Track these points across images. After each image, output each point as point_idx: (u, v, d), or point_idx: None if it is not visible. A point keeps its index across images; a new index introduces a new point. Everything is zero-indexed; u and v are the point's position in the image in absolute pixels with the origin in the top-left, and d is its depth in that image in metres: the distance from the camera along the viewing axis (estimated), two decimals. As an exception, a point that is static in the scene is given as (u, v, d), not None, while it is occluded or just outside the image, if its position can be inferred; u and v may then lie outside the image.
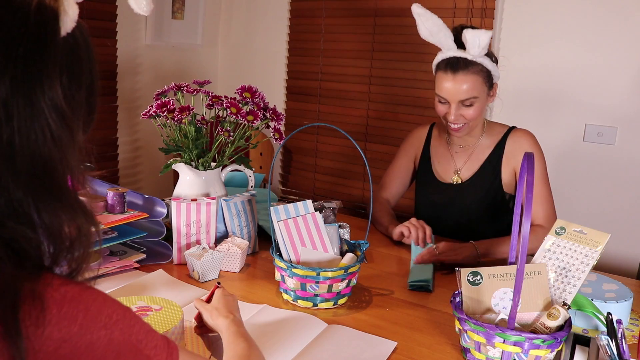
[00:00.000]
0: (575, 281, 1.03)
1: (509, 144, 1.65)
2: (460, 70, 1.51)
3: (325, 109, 2.97)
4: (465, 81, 1.51)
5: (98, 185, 1.52)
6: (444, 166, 1.74)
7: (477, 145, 1.69)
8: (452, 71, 1.52)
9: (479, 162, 1.68)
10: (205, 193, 1.51)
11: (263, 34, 3.15)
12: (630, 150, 2.24)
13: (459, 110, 1.55)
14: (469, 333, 0.98)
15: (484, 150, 1.68)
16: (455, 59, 1.52)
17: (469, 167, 1.69)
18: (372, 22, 2.74)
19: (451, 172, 1.72)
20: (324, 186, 3.05)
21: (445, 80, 1.53)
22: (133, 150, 2.87)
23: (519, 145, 1.63)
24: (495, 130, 1.69)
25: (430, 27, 1.50)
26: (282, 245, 1.24)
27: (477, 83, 1.53)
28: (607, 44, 2.23)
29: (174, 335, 0.99)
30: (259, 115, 1.48)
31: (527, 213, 0.89)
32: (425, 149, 1.79)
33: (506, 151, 1.65)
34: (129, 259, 1.35)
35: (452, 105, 1.55)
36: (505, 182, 1.65)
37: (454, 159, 1.72)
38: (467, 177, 1.69)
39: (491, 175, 1.66)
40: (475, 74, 1.52)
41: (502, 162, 1.65)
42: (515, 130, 1.67)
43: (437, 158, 1.76)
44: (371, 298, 1.27)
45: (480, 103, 1.56)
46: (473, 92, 1.52)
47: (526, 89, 2.43)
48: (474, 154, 1.69)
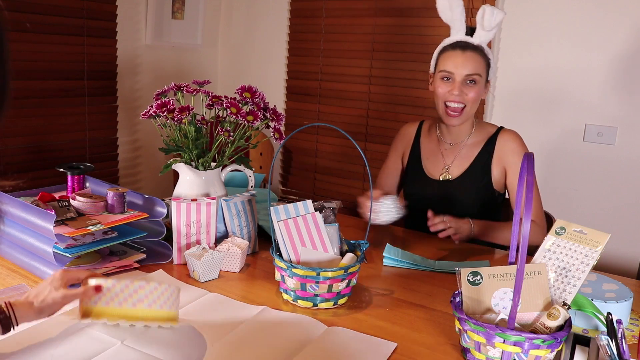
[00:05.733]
0: (575, 281, 1.03)
1: (500, 143, 1.69)
2: (469, 50, 1.61)
3: (325, 109, 2.97)
4: (474, 58, 1.61)
5: (98, 185, 1.52)
6: (433, 163, 1.77)
7: (466, 143, 1.73)
8: (461, 49, 1.61)
9: (468, 159, 1.72)
10: (205, 193, 1.51)
11: (263, 34, 3.15)
12: (630, 150, 2.24)
13: (462, 87, 1.61)
14: (469, 333, 0.98)
15: (474, 148, 1.72)
16: (464, 42, 1.62)
17: (459, 165, 1.73)
18: (372, 22, 2.74)
19: (440, 168, 1.75)
20: (324, 186, 3.05)
21: (453, 55, 1.62)
22: (133, 150, 2.87)
23: (509, 147, 1.68)
24: (484, 130, 1.74)
25: (451, 0, 1.59)
26: (282, 245, 1.24)
27: (481, 64, 1.62)
28: (607, 44, 2.23)
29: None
30: (259, 115, 1.48)
31: (527, 213, 0.89)
32: (415, 145, 1.83)
33: (497, 150, 1.69)
34: (129, 259, 1.35)
35: (457, 80, 1.61)
36: (495, 180, 1.70)
37: (443, 155, 1.76)
38: (456, 175, 1.72)
39: (481, 173, 1.70)
40: (481, 57, 1.62)
41: (492, 161, 1.69)
42: (505, 130, 1.72)
43: (427, 154, 1.79)
44: (371, 298, 1.27)
45: (479, 87, 1.63)
46: (478, 70, 1.61)
47: (526, 89, 2.43)
48: (464, 152, 1.73)
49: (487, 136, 1.71)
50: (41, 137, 2.42)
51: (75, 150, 2.56)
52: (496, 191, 1.71)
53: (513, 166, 1.67)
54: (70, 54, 2.44)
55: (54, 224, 1.18)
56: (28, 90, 2.34)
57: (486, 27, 1.58)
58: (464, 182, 1.70)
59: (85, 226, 1.25)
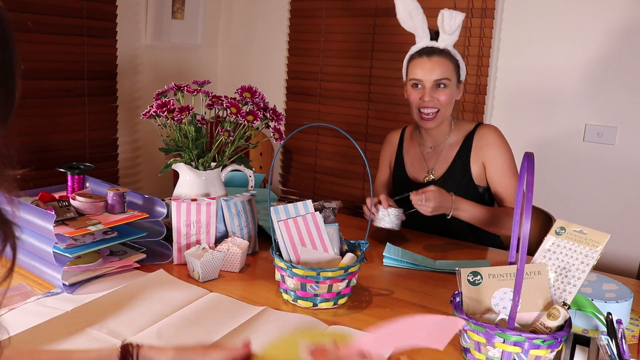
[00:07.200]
0: (575, 281, 1.03)
1: (476, 139, 1.71)
2: (435, 55, 1.64)
3: (325, 109, 2.97)
4: (440, 63, 1.63)
5: (98, 185, 1.52)
6: (416, 167, 1.80)
7: (445, 144, 1.75)
8: (427, 56, 1.64)
9: (448, 160, 1.74)
10: (205, 193, 1.51)
11: (263, 34, 3.15)
12: (630, 150, 2.24)
13: (433, 92, 1.63)
14: (469, 333, 0.98)
15: (453, 147, 1.74)
16: (430, 48, 1.65)
17: (440, 166, 1.75)
18: (372, 22, 2.74)
19: (424, 172, 1.78)
20: (324, 186, 3.05)
21: (420, 63, 1.65)
22: (133, 150, 2.87)
23: (485, 140, 1.70)
24: (462, 128, 1.76)
25: (410, 10, 1.62)
26: (282, 245, 1.24)
27: (449, 68, 1.64)
28: (607, 44, 2.23)
29: None
30: (258, 115, 1.48)
31: (527, 213, 0.89)
32: (399, 152, 1.86)
33: (474, 146, 1.71)
34: (129, 259, 1.35)
35: (427, 86, 1.63)
36: (475, 175, 1.71)
37: (425, 159, 1.79)
38: (439, 175, 1.75)
39: (461, 170, 1.72)
40: (448, 59, 1.64)
41: (470, 157, 1.71)
42: (482, 125, 1.74)
43: (410, 160, 1.83)
44: (371, 298, 1.27)
45: (451, 90, 1.65)
46: (446, 74, 1.63)
47: (526, 89, 2.43)
48: (444, 152, 1.75)
49: (464, 134, 1.74)
50: (41, 137, 2.42)
51: (75, 150, 2.56)
52: (479, 187, 1.73)
53: (490, 159, 1.68)
54: (70, 54, 2.44)
55: (54, 224, 1.18)
56: (28, 90, 2.34)
57: (447, 31, 1.60)
58: (446, 182, 1.72)
59: (85, 226, 1.25)
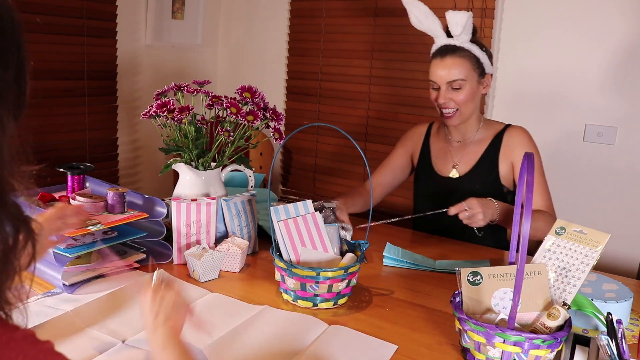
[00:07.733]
0: (575, 281, 1.03)
1: (506, 138, 1.70)
2: (448, 55, 1.62)
3: (325, 109, 2.97)
4: (453, 64, 1.61)
5: (98, 185, 1.52)
6: (442, 160, 1.79)
7: (473, 140, 1.74)
8: (441, 57, 1.63)
9: (476, 155, 1.72)
10: (205, 193, 1.51)
11: (263, 34, 3.15)
12: (630, 150, 2.24)
13: (447, 94, 1.63)
14: (469, 333, 0.98)
15: (481, 144, 1.73)
16: (444, 47, 1.63)
17: (467, 161, 1.73)
18: (372, 22, 2.74)
19: (449, 166, 1.77)
20: (324, 186, 3.04)
21: (435, 65, 1.64)
22: (133, 150, 2.87)
23: (516, 140, 1.68)
24: (491, 126, 1.75)
25: (417, 15, 1.62)
26: (282, 245, 1.24)
27: (464, 67, 1.61)
28: (608, 44, 2.23)
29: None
30: (259, 115, 1.48)
31: (527, 213, 0.89)
32: (425, 144, 1.84)
33: (503, 145, 1.69)
34: (129, 259, 1.35)
35: (442, 88, 1.63)
36: (502, 175, 1.70)
37: (451, 153, 1.77)
38: (464, 171, 1.73)
39: (488, 168, 1.70)
40: (462, 58, 1.61)
41: (499, 156, 1.69)
42: (512, 126, 1.73)
43: (436, 153, 1.81)
44: (371, 298, 1.27)
45: (469, 88, 1.63)
46: (460, 75, 1.61)
47: (526, 89, 2.43)
48: (471, 148, 1.74)
49: (494, 132, 1.72)
50: (41, 137, 2.42)
51: (75, 150, 2.56)
52: (505, 187, 1.71)
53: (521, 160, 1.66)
54: (70, 54, 2.44)
55: (54, 224, 1.17)
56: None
57: (454, 32, 1.59)
58: (472, 177, 1.71)
59: (85, 226, 1.25)
